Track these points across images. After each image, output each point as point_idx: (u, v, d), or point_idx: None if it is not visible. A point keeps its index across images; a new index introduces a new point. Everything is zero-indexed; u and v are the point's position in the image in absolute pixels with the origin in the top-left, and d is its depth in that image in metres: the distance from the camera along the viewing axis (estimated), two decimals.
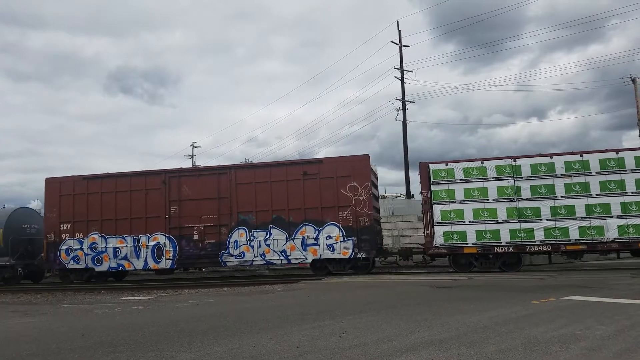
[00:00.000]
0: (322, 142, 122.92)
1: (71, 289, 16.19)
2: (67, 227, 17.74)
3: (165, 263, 17.01)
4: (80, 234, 17.64)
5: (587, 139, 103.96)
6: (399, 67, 31.33)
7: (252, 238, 16.47)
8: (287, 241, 16.20)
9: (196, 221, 16.95)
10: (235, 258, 16.56)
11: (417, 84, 38.96)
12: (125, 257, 17.26)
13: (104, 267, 17.41)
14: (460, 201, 15.12)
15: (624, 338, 5.20)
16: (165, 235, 17.08)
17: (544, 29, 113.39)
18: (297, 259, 16.19)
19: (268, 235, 16.38)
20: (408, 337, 5.56)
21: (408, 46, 31.87)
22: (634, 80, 34.23)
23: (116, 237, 17.36)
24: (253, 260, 16.44)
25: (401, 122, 30.71)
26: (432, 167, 15.54)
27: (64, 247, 17.62)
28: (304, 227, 16.10)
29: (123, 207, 17.43)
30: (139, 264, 17.22)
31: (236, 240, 16.56)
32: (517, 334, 5.52)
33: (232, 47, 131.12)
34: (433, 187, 15.37)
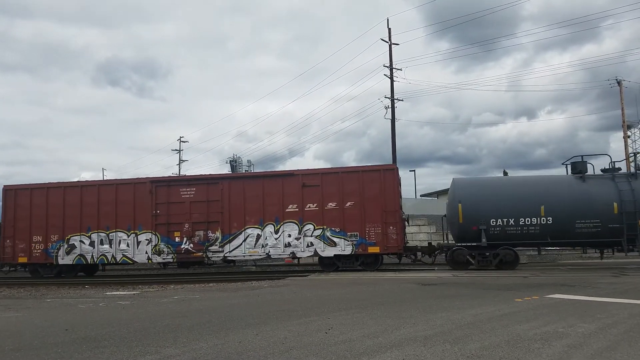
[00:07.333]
0: (313, 137, 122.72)
1: (55, 283, 15.99)
2: None
3: None
4: None
5: (575, 139, 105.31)
6: (388, 65, 31.41)
7: None
8: None
9: None
10: None
11: (406, 82, 39.12)
12: None
13: None
14: None
15: (606, 336, 5.28)
16: None
17: (539, 27, 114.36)
18: None
19: None
20: (393, 334, 5.59)
21: (398, 44, 31.95)
22: (619, 83, 34.74)
23: None
24: None
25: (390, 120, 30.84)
26: None
27: None
28: None
29: None
30: None
31: None
32: (500, 331, 5.57)
33: (225, 41, 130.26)
34: None
